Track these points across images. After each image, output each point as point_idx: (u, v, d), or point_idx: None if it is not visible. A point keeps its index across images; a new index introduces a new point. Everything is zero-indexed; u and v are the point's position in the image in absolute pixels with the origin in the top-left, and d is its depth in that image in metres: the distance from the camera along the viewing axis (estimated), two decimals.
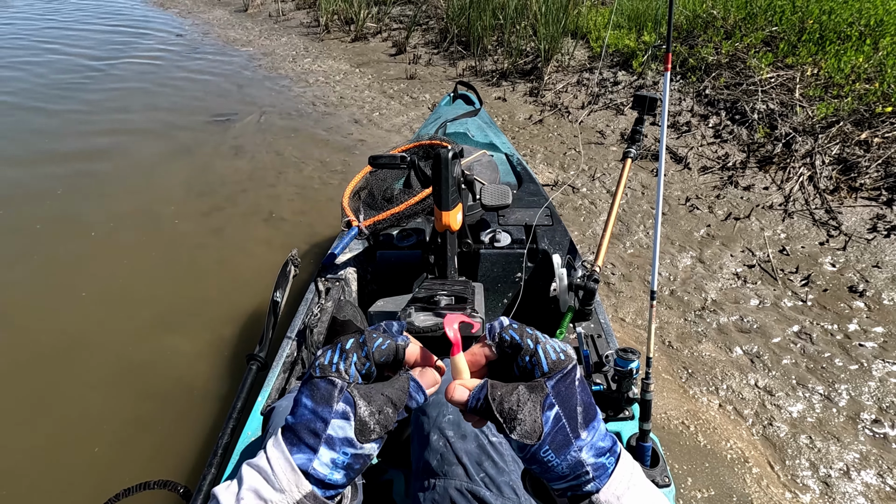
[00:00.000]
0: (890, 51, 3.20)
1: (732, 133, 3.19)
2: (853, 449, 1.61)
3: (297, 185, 3.19)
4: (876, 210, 2.50)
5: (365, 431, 0.43)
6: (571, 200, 2.89)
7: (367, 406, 0.44)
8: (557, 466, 0.43)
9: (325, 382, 0.44)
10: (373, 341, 0.47)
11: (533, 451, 0.43)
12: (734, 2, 4.05)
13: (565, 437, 0.43)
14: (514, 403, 0.43)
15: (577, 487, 0.44)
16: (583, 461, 0.43)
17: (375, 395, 0.45)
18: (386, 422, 0.44)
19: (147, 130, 3.99)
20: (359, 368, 0.46)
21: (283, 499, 0.41)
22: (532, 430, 0.43)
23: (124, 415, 1.82)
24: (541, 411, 0.43)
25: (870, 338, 1.97)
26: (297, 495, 0.41)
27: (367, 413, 0.43)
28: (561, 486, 0.44)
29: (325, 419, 0.43)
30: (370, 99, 4.52)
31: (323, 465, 0.42)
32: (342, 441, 0.43)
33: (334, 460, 0.43)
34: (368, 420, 0.43)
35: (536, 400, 0.43)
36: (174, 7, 8.54)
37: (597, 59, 4.44)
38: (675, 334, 2.05)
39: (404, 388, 0.46)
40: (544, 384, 0.44)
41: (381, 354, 0.47)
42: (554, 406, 0.43)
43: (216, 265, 2.55)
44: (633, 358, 1.14)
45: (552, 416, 0.43)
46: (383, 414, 0.44)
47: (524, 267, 1.58)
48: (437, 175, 1.24)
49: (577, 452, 0.43)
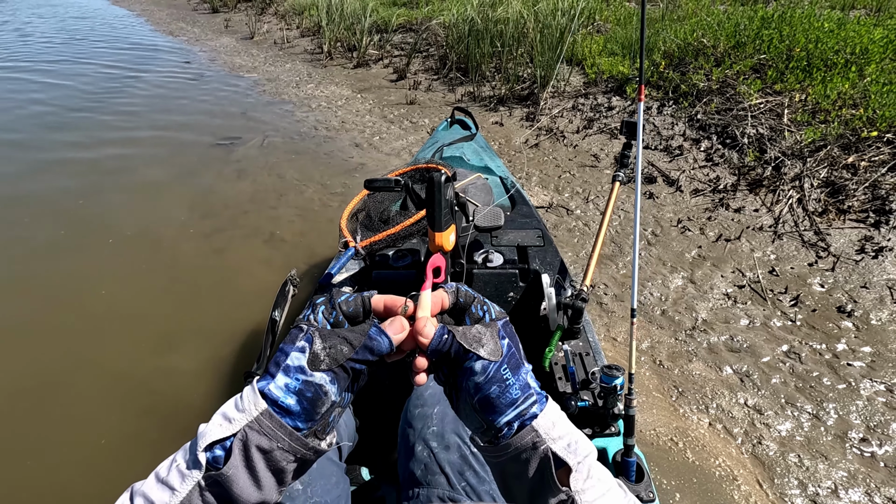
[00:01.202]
0: (874, 78, 3.30)
1: (723, 156, 3.27)
2: (841, 467, 1.63)
3: (298, 207, 3.27)
4: (864, 232, 2.56)
5: (315, 361, 0.49)
6: (565, 222, 2.95)
7: (321, 342, 0.50)
8: (513, 386, 0.50)
9: (296, 329, 0.52)
10: (339, 294, 0.55)
11: (495, 369, 0.50)
12: (723, 31, 4.19)
13: (517, 361, 0.53)
14: (476, 332, 0.52)
15: (525, 412, 0.50)
16: (529, 384, 0.52)
17: (332, 335, 0.51)
18: (337, 356, 0.50)
19: (153, 153, 4.10)
20: (326, 317, 0.53)
21: (244, 417, 0.48)
22: (495, 349, 0.51)
23: (124, 431, 1.85)
24: (498, 339, 0.53)
25: (858, 357, 2.00)
26: (254, 412, 0.48)
27: (320, 347, 0.50)
28: (511, 415, 0.50)
29: (287, 353, 0.50)
30: (371, 123, 4.63)
31: (277, 387, 0.49)
32: (296, 369, 0.49)
33: (287, 384, 0.49)
34: (320, 352, 0.49)
35: (493, 331, 0.53)
36: (183, 35, 8.80)
37: (592, 84, 4.56)
38: (665, 353, 2.08)
39: (364, 331, 0.51)
40: (496, 323, 0.54)
41: (348, 306, 0.54)
42: (506, 337, 0.53)
43: (217, 285, 2.60)
44: (617, 374, 1.18)
45: (506, 343, 0.53)
46: (335, 349, 0.50)
47: (516, 286, 1.62)
48: (431, 198, 1.29)
49: (525, 375, 0.52)
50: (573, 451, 0.50)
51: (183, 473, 0.47)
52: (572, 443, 0.50)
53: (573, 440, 0.50)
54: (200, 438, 0.47)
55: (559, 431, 0.50)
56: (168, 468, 0.48)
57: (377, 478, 1.23)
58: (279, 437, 0.48)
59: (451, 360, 0.52)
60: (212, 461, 0.47)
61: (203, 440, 0.47)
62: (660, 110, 3.88)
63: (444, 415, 0.90)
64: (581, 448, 0.50)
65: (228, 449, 0.47)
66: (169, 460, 0.49)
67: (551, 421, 0.51)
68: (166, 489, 0.46)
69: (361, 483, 1.20)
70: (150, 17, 10.88)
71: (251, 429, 0.47)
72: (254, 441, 0.47)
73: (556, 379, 1.28)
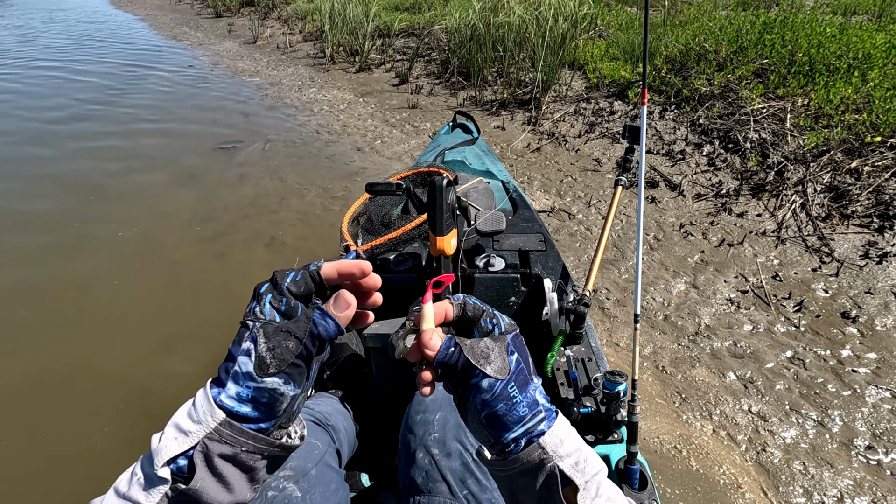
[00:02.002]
0: (877, 83, 3.29)
1: (726, 161, 3.26)
2: (847, 476, 1.61)
3: (300, 211, 3.26)
4: (868, 237, 2.54)
5: (263, 366, 0.46)
6: (567, 226, 2.94)
7: (265, 342, 0.46)
8: (520, 404, 0.49)
9: (242, 327, 0.48)
10: (284, 277, 0.49)
11: (502, 387, 0.49)
12: (725, 36, 4.19)
13: (525, 377, 0.51)
14: (484, 347, 0.50)
15: (533, 429, 0.49)
16: (538, 401, 0.51)
17: (276, 333, 0.47)
18: (284, 355, 0.46)
19: (155, 157, 4.10)
20: (276, 306, 0.48)
21: (200, 428, 0.45)
22: (502, 367, 0.50)
23: (122, 434, 1.84)
24: (506, 354, 0.51)
25: (863, 364, 1.98)
26: (211, 424, 0.45)
27: (264, 349, 0.46)
28: (518, 432, 0.49)
29: (234, 357, 0.46)
30: (373, 127, 4.63)
31: (229, 397, 0.46)
32: (244, 375, 0.46)
33: (239, 393, 0.46)
34: (266, 355, 0.46)
35: (501, 346, 0.51)
36: (186, 39, 8.83)
37: (594, 89, 4.56)
38: (668, 359, 2.07)
39: (307, 318, 0.47)
40: (505, 337, 0.52)
41: (296, 286, 0.49)
42: (514, 352, 0.51)
43: (217, 289, 2.60)
44: (620, 381, 1.16)
45: (514, 359, 0.51)
46: (281, 347, 0.46)
47: (518, 291, 1.61)
48: (432, 201, 1.28)
49: (533, 392, 0.51)
50: (581, 469, 0.48)
51: (146, 489, 0.44)
52: (581, 461, 0.49)
53: (582, 458, 0.49)
54: (156, 455, 0.45)
55: (567, 449, 0.49)
56: (129, 483, 0.45)
57: (377, 484, 1.21)
58: (241, 441, 0.46)
59: (458, 374, 0.50)
60: (176, 472, 0.45)
61: (160, 457, 0.44)
62: (662, 115, 3.88)
63: (446, 421, 0.89)
64: (590, 466, 0.49)
65: (190, 459, 0.45)
66: (128, 474, 0.46)
67: (559, 438, 0.50)
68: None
69: (361, 489, 1.18)
70: (153, 21, 10.94)
71: (211, 440, 0.45)
72: (215, 451, 0.45)
73: (558, 385, 1.27)
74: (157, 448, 0.45)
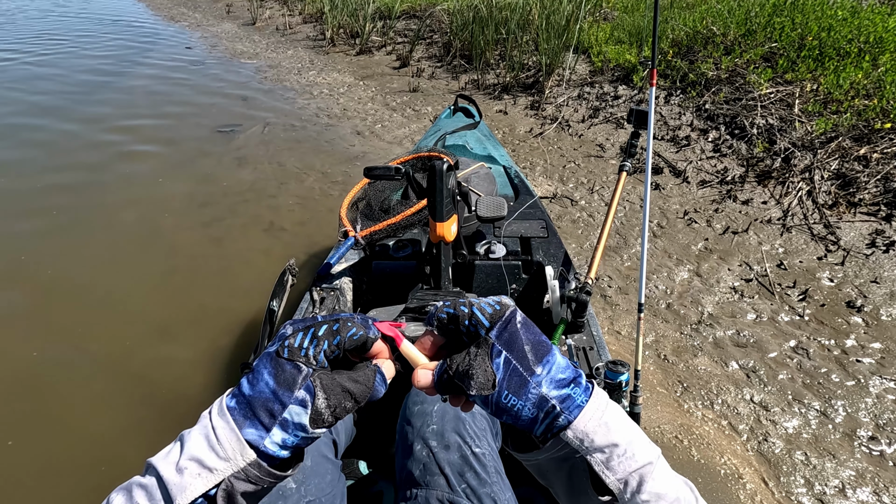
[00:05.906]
0: (889, 67, 3.22)
1: (731, 147, 3.21)
2: (849, 466, 1.60)
3: (298, 196, 3.22)
4: (875, 225, 2.50)
5: (318, 421, 0.44)
6: (570, 213, 2.90)
7: (325, 399, 0.44)
8: (523, 408, 0.45)
9: (292, 366, 0.45)
10: (347, 330, 0.47)
11: (495, 400, 0.45)
12: (734, 18, 4.09)
13: (520, 377, 0.45)
14: (465, 364, 0.46)
15: (552, 425, 0.45)
16: (545, 396, 0.45)
17: (336, 388, 0.45)
18: (341, 413, 0.45)
19: (152, 140, 4.05)
20: (328, 355, 0.46)
21: (228, 466, 0.43)
22: (486, 380, 0.45)
23: (121, 421, 1.83)
24: (490, 361, 0.46)
25: (867, 354, 1.96)
26: (241, 463, 0.43)
27: (324, 406, 0.44)
28: (538, 430, 0.46)
29: (284, 403, 0.44)
30: (373, 111, 4.57)
31: (273, 443, 0.44)
32: (296, 425, 0.44)
33: (285, 440, 0.44)
34: (324, 412, 0.44)
35: (484, 353, 0.46)
36: (184, 20, 8.70)
37: (598, 73, 4.48)
38: (670, 348, 2.05)
39: (369, 384, 0.47)
40: (488, 337, 0.47)
41: (351, 344, 0.47)
42: (501, 353, 0.46)
43: (215, 274, 2.57)
44: (622, 371, 1.14)
45: (501, 362, 0.45)
46: (340, 406, 0.45)
47: (518, 278, 1.59)
48: (432, 187, 1.25)
49: (536, 388, 0.45)
50: (615, 466, 0.43)
51: None
52: (617, 455, 0.44)
53: (619, 452, 0.44)
54: (179, 493, 0.42)
55: (600, 441, 0.44)
56: None
57: (374, 472, 1.20)
58: (267, 481, 0.44)
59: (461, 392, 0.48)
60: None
61: (184, 495, 0.42)
62: (667, 100, 3.81)
63: (445, 412, 0.86)
64: (625, 462, 0.44)
65: (212, 498, 0.43)
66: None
67: (584, 432, 0.44)
68: None
69: (359, 477, 1.17)
70: (150, 2, 10.77)
71: (237, 478, 0.43)
72: (239, 489, 0.43)
73: None
74: (179, 484, 0.42)
